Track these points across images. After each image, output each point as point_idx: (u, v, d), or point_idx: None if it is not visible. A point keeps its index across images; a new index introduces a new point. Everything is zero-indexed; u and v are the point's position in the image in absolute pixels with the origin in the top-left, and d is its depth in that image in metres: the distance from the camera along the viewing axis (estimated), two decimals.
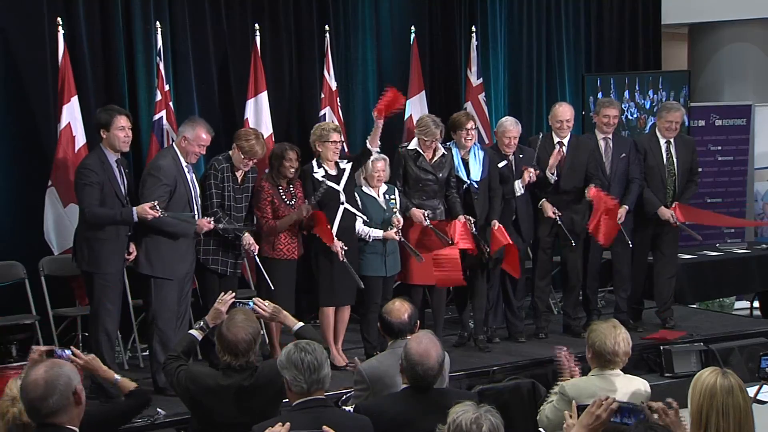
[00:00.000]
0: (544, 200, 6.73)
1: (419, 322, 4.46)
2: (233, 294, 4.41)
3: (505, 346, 6.73)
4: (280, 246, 6.06)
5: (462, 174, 6.53)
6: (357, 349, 6.35)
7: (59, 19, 6.36)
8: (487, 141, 7.68)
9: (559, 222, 6.69)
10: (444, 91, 8.47)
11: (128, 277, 6.05)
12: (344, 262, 6.01)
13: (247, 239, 5.90)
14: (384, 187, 6.38)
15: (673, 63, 10.74)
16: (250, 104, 7.06)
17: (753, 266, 8.61)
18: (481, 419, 2.91)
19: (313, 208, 6.03)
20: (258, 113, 7.05)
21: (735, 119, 9.28)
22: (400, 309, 4.36)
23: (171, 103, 6.74)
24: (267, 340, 6.09)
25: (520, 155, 6.75)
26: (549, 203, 6.70)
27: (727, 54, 9.75)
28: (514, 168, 6.71)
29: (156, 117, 6.64)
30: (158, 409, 5.07)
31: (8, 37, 6.53)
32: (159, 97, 6.63)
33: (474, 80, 8.04)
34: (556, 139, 6.80)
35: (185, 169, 5.68)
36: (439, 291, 6.56)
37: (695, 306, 8.23)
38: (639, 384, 4.12)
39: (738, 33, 9.71)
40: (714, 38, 9.85)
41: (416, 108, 7.61)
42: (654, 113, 8.27)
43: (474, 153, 6.58)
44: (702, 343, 6.67)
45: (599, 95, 8.46)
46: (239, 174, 6.00)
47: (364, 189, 6.36)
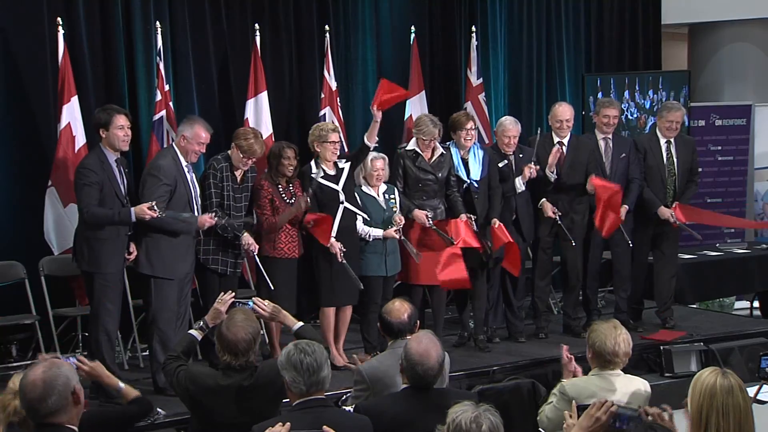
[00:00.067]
0: (544, 200, 6.74)
1: (419, 322, 4.46)
2: (233, 294, 4.42)
3: (505, 346, 6.73)
4: (281, 245, 6.05)
5: (462, 174, 6.53)
6: (357, 349, 6.35)
7: (59, 19, 6.36)
8: (487, 141, 7.67)
9: (559, 222, 6.69)
10: (444, 91, 8.46)
11: (128, 277, 6.04)
12: (343, 263, 6.01)
13: (247, 239, 5.89)
14: (383, 187, 6.37)
15: (673, 63, 10.74)
16: (250, 104, 7.06)
17: (753, 266, 8.62)
18: (481, 418, 2.91)
19: (310, 200, 6.01)
20: (258, 113, 7.05)
21: (735, 119, 9.28)
22: (400, 309, 4.36)
23: (171, 103, 6.74)
24: (267, 340, 6.08)
25: (520, 155, 6.75)
26: (549, 203, 6.71)
27: (727, 54, 9.75)
28: (514, 168, 6.71)
29: (156, 117, 6.64)
30: (158, 409, 5.05)
31: (8, 37, 6.53)
32: (159, 97, 6.63)
33: (474, 80, 8.04)
34: (556, 139, 6.80)
35: (185, 169, 5.68)
36: (439, 291, 6.56)
37: (695, 306, 8.23)
38: (639, 384, 4.12)
39: (738, 33, 9.72)
40: (714, 38, 9.85)
41: (416, 108, 7.60)
42: (654, 113, 8.27)
43: (473, 152, 6.58)
44: (702, 343, 6.67)
45: (599, 95, 8.46)
46: (238, 173, 6.00)
47: (364, 189, 6.36)
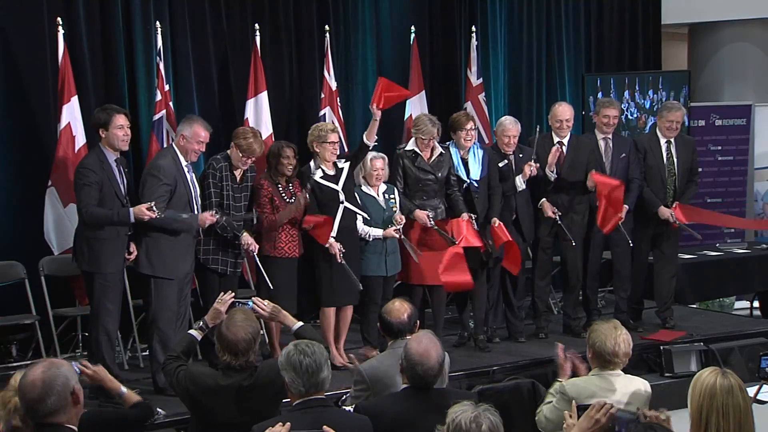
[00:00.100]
0: (544, 200, 6.73)
1: (419, 322, 4.46)
2: (233, 294, 4.41)
3: (505, 346, 6.73)
4: (281, 244, 6.04)
5: (462, 173, 6.53)
6: (357, 349, 6.33)
7: (59, 19, 6.36)
8: (487, 141, 7.67)
9: (559, 222, 6.69)
10: (444, 91, 8.46)
11: (128, 277, 6.04)
12: (342, 264, 6.01)
13: (246, 239, 5.88)
14: (383, 187, 6.37)
15: (673, 63, 10.74)
16: (250, 104, 7.05)
17: (753, 266, 8.61)
18: (480, 418, 2.91)
19: (309, 197, 6.01)
20: (258, 113, 7.05)
21: (735, 119, 9.28)
22: (400, 309, 4.36)
23: (171, 103, 6.75)
24: (267, 340, 6.08)
25: (520, 155, 6.75)
26: (549, 203, 6.71)
27: (727, 54, 9.75)
28: (514, 167, 6.70)
29: (156, 117, 6.64)
30: (158, 409, 5.04)
31: (8, 37, 6.53)
32: (159, 97, 6.63)
33: (474, 80, 8.04)
34: (556, 139, 6.79)
35: (185, 169, 5.68)
36: (439, 291, 6.55)
37: (695, 306, 8.23)
38: (639, 384, 4.11)
39: (738, 33, 9.72)
40: (714, 38, 9.85)
41: (416, 108, 7.59)
42: (654, 113, 8.27)
43: (473, 152, 6.58)
44: (702, 343, 6.67)
45: (599, 95, 8.46)
46: (238, 173, 5.99)
47: (364, 189, 6.36)
